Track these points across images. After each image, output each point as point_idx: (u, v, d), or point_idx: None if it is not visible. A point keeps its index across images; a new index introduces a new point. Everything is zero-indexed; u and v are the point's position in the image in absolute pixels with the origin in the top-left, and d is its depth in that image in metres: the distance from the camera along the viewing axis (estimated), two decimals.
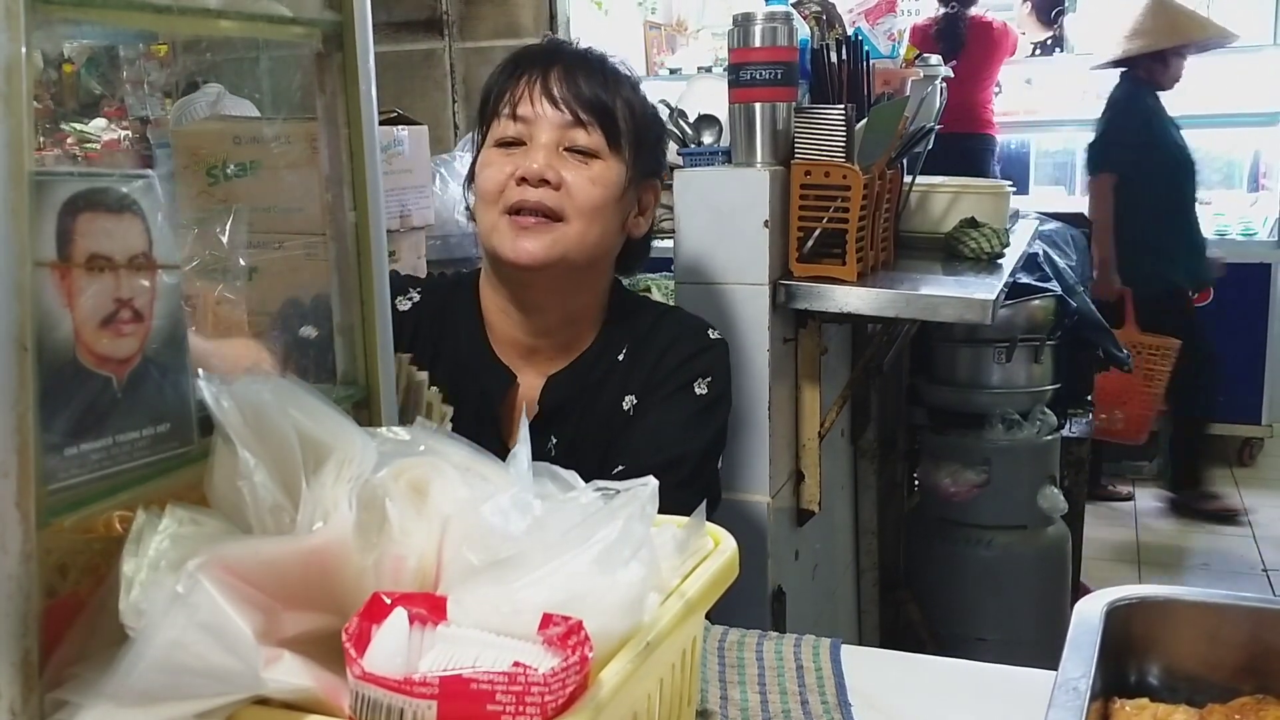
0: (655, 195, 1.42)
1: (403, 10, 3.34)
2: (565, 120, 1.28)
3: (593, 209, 1.29)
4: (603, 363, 1.37)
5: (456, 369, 1.36)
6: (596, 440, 1.35)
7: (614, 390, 1.36)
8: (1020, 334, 2.65)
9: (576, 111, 1.28)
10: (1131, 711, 0.84)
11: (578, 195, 1.28)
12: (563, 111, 1.28)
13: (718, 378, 1.38)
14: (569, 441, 1.35)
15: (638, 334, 1.39)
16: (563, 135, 1.29)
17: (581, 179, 1.28)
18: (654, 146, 1.39)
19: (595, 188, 1.29)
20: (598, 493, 0.70)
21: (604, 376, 1.37)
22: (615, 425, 1.35)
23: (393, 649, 0.56)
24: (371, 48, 0.82)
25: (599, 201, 1.29)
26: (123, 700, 0.55)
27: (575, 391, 1.36)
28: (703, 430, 1.35)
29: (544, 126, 1.29)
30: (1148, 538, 4.04)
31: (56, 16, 0.62)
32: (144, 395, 0.64)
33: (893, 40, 2.59)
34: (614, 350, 1.38)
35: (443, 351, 1.39)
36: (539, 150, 1.28)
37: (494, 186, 1.30)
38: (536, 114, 1.29)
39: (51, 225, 0.59)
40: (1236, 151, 5.40)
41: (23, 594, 0.57)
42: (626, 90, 1.33)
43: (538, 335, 1.38)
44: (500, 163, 1.30)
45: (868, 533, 2.64)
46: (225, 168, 1.64)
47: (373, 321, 0.85)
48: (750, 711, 0.97)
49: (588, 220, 1.29)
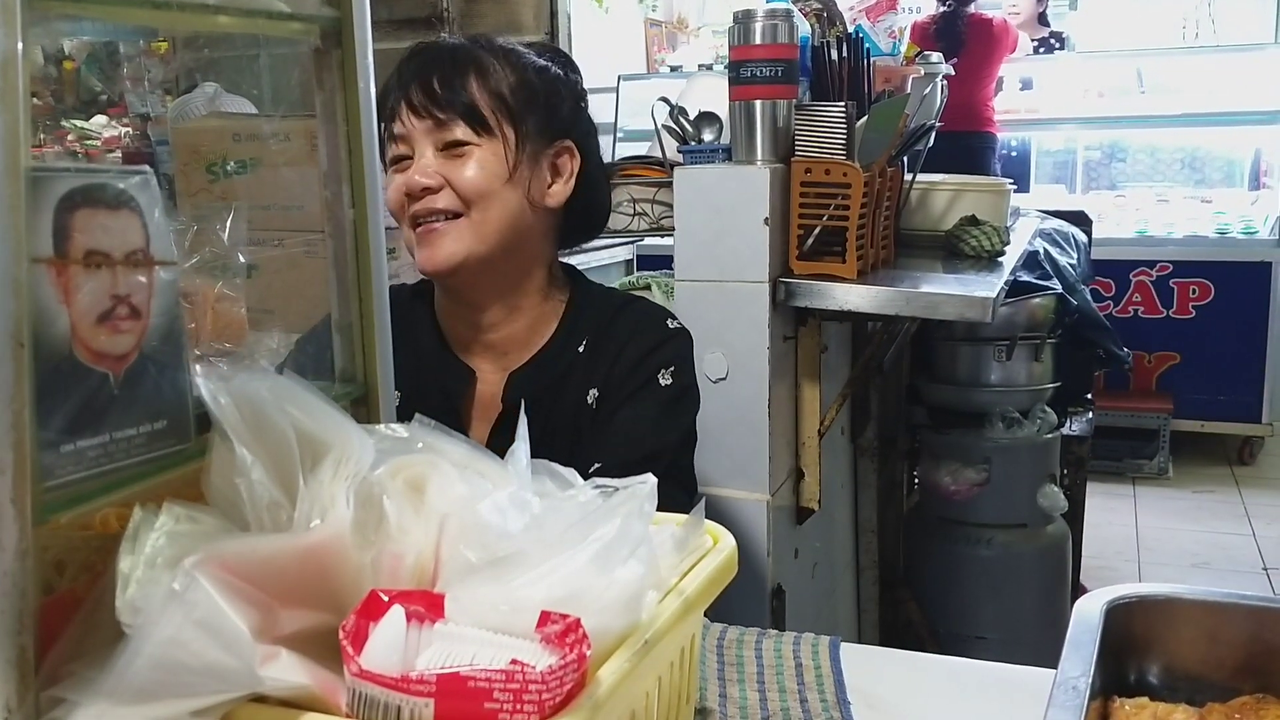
0: (571, 154, 1.39)
1: (403, 8, 3.34)
2: (429, 125, 1.30)
3: (478, 195, 1.30)
4: (565, 357, 1.38)
5: (416, 372, 1.37)
6: (563, 435, 1.35)
7: (577, 384, 1.37)
8: (1020, 332, 2.64)
9: (434, 113, 1.30)
10: (1131, 710, 0.84)
11: (461, 187, 1.30)
12: (425, 118, 1.30)
13: (680, 368, 1.38)
14: (535, 437, 1.34)
15: (598, 325, 1.39)
16: (436, 138, 1.31)
17: (459, 172, 1.30)
18: (548, 110, 1.36)
19: (476, 174, 1.30)
20: (596, 491, 0.70)
21: (566, 370, 1.37)
22: (581, 419, 1.36)
23: (390, 647, 0.56)
24: (370, 44, 0.82)
25: (482, 186, 1.30)
26: (119, 698, 0.54)
27: (538, 387, 1.36)
28: (675, 423, 1.37)
29: (417, 137, 1.31)
30: (1147, 536, 4.04)
31: (54, 12, 0.62)
32: (141, 392, 0.64)
33: (893, 38, 2.59)
34: (575, 342, 1.38)
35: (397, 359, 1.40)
36: (419, 161, 1.31)
37: (395, 207, 1.33)
38: (408, 128, 1.32)
39: (48, 221, 0.59)
40: (1237, 150, 5.40)
41: (19, 591, 0.57)
42: (494, 72, 1.32)
43: (488, 330, 1.39)
44: (393, 180, 1.33)
45: (867, 531, 2.64)
46: (225, 165, 1.63)
47: (371, 318, 0.85)
48: (749, 710, 0.97)
49: (481, 208, 1.31)
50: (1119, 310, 4.76)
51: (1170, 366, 4.79)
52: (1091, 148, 5.63)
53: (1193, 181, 5.44)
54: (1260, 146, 5.23)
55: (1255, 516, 4.16)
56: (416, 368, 1.38)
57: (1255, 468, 4.74)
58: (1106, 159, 5.65)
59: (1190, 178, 5.47)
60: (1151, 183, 5.44)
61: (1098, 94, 5.39)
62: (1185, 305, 4.73)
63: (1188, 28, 5.18)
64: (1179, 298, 4.73)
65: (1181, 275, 4.72)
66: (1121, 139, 5.57)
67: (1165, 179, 5.47)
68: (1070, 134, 5.57)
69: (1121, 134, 5.53)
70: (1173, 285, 4.74)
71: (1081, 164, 5.61)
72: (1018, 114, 5.31)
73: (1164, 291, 4.75)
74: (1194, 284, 4.71)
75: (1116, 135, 5.55)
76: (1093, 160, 5.64)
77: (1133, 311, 4.77)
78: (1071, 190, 5.51)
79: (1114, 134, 5.54)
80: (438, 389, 1.38)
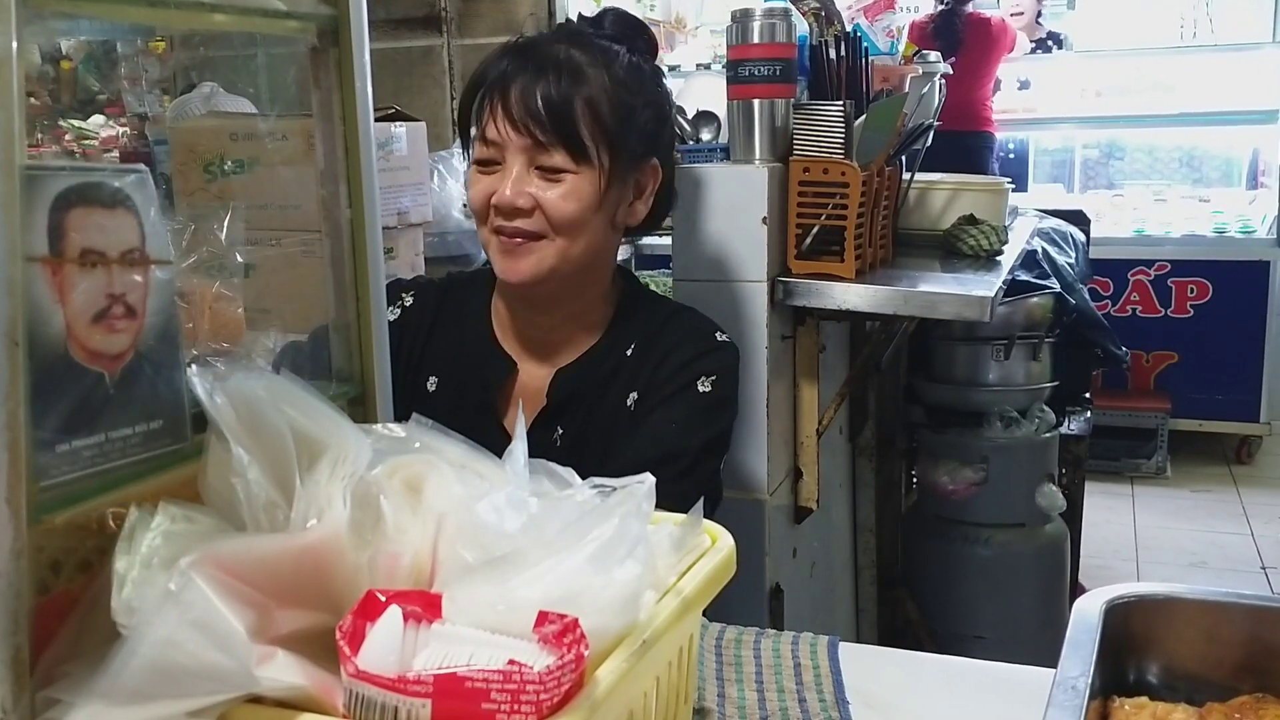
0: (655, 173, 1.39)
1: (401, 7, 3.33)
2: (527, 143, 1.27)
3: (569, 224, 1.29)
4: (611, 358, 1.38)
5: (457, 359, 1.39)
6: (600, 435, 1.35)
7: (620, 386, 1.37)
8: (1019, 331, 2.64)
9: (536, 134, 1.27)
10: (1130, 710, 0.84)
11: (553, 214, 1.28)
12: (524, 136, 1.27)
13: (722, 379, 1.37)
14: (574, 435, 1.36)
15: (647, 332, 1.39)
16: (530, 157, 1.28)
17: (554, 198, 1.28)
18: (641, 131, 1.34)
19: (568, 204, 1.28)
20: (594, 490, 0.70)
21: (612, 372, 1.37)
22: (619, 421, 1.36)
23: (387, 647, 0.56)
24: (367, 42, 0.82)
25: (574, 217, 1.29)
26: (115, 698, 0.54)
27: (583, 386, 1.36)
28: (704, 428, 1.35)
29: (511, 150, 1.28)
30: (1146, 536, 4.04)
31: (50, 9, 0.62)
32: (137, 391, 0.64)
33: (891, 37, 2.59)
34: (623, 346, 1.38)
35: (435, 349, 1.41)
36: (509, 176, 1.28)
37: (479, 209, 1.32)
38: (502, 138, 1.28)
39: (43, 220, 0.59)
40: (1235, 149, 5.41)
41: (14, 591, 0.57)
42: (594, 86, 1.29)
43: (544, 331, 1.39)
44: (480, 182, 1.32)
45: (866, 530, 2.64)
46: (222, 164, 1.63)
47: (368, 318, 0.85)
48: (748, 709, 0.97)
49: (569, 236, 1.29)
50: (1117, 309, 4.76)
51: (1168, 366, 4.79)
52: (1089, 147, 5.63)
53: (1190, 181, 5.45)
54: (1258, 146, 5.23)
55: (1253, 516, 4.16)
56: (459, 354, 1.39)
57: (1253, 467, 4.74)
58: (1104, 158, 5.66)
59: (1188, 177, 5.48)
60: (1149, 182, 5.44)
61: (1096, 93, 5.40)
62: (1183, 304, 4.73)
63: (1185, 27, 5.17)
64: (1177, 297, 4.74)
65: (1179, 274, 4.72)
66: (1119, 138, 5.58)
67: (1163, 178, 5.48)
68: (1068, 133, 5.58)
69: (1119, 133, 5.54)
70: (1171, 284, 4.74)
71: (1079, 163, 5.62)
72: (1016, 113, 5.31)
73: (1162, 291, 4.75)
74: (1192, 283, 4.71)
75: (1114, 134, 5.56)
76: (1091, 159, 5.65)
77: (1131, 311, 4.78)
78: (1069, 189, 5.51)
79: (1112, 133, 5.55)
80: (478, 378, 1.39)
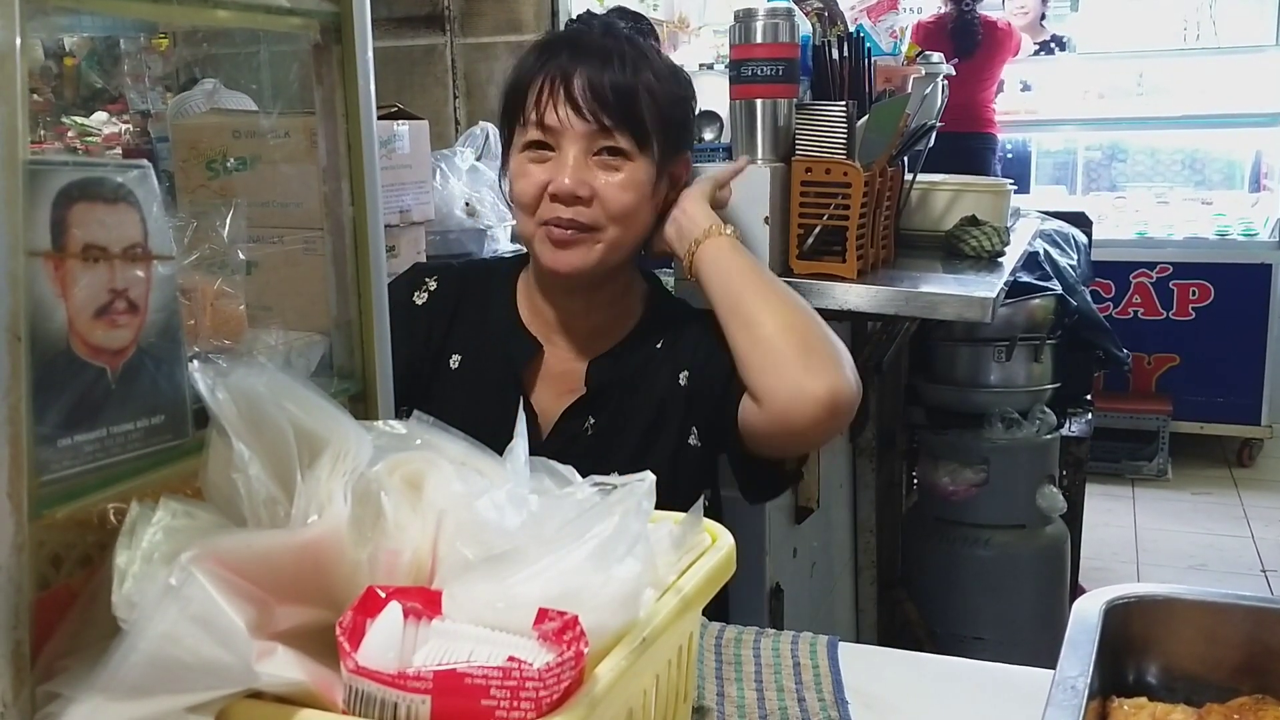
0: (687, 165, 1.41)
1: (404, 6, 3.33)
2: (591, 128, 1.27)
3: (626, 215, 1.30)
4: (643, 350, 1.39)
5: (480, 339, 1.40)
6: (640, 419, 1.36)
7: (664, 373, 1.37)
8: (1020, 333, 2.64)
9: (603, 120, 1.26)
10: (1130, 710, 0.84)
11: (611, 205, 1.28)
12: (589, 121, 1.27)
13: None
14: (605, 425, 1.37)
15: (676, 329, 1.40)
16: (591, 142, 1.28)
17: (613, 187, 1.28)
18: (682, 122, 1.37)
19: (627, 194, 1.29)
20: (594, 488, 0.70)
21: (644, 363, 1.38)
22: (671, 401, 1.36)
23: (387, 643, 0.56)
24: (370, 39, 0.82)
25: (631, 207, 1.30)
26: (114, 693, 0.54)
27: (619, 375, 1.38)
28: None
29: (571, 137, 1.27)
30: (1146, 538, 4.04)
31: (53, 5, 0.62)
32: (138, 387, 0.64)
33: (894, 38, 2.59)
34: (654, 339, 1.40)
35: (459, 331, 1.42)
36: (567, 162, 1.27)
37: (529, 200, 1.30)
38: (563, 124, 1.27)
39: (46, 215, 0.59)
40: (1237, 152, 5.40)
41: (14, 585, 0.57)
42: (649, 74, 1.30)
43: (577, 317, 1.40)
44: (532, 173, 1.30)
45: (866, 531, 2.64)
46: (224, 161, 1.63)
47: (370, 316, 0.85)
48: (747, 709, 0.97)
49: (623, 226, 1.30)
50: (1118, 311, 4.76)
51: (1169, 368, 4.79)
52: (1092, 149, 5.63)
53: (1193, 183, 5.45)
54: (1260, 148, 5.23)
55: (1254, 519, 4.16)
56: (483, 335, 1.40)
57: (1254, 470, 4.74)
58: (1107, 160, 5.66)
59: (1190, 179, 5.48)
60: (1151, 184, 5.44)
61: (1098, 95, 5.40)
62: (1185, 307, 4.73)
63: (1188, 29, 5.17)
64: (1179, 299, 4.73)
65: (1181, 277, 4.72)
66: (1122, 140, 5.58)
67: (1165, 180, 5.47)
68: (1070, 135, 5.58)
69: (1122, 135, 5.53)
70: (1172, 287, 4.74)
71: (1082, 165, 5.62)
72: (1018, 115, 5.31)
73: (1164, 293, 4.75)
74: (1194, 285, 4.71)
75: (1117, 136, 5.56)
76: (1093, 161, 5.65)
77: (1132, 313, 4.77)
78: (1071, 191, 5.51)
79: (1114, 135, 5.55)
80: (501, 356, 1.39)
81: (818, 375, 1.24)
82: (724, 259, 1.34)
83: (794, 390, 1.23)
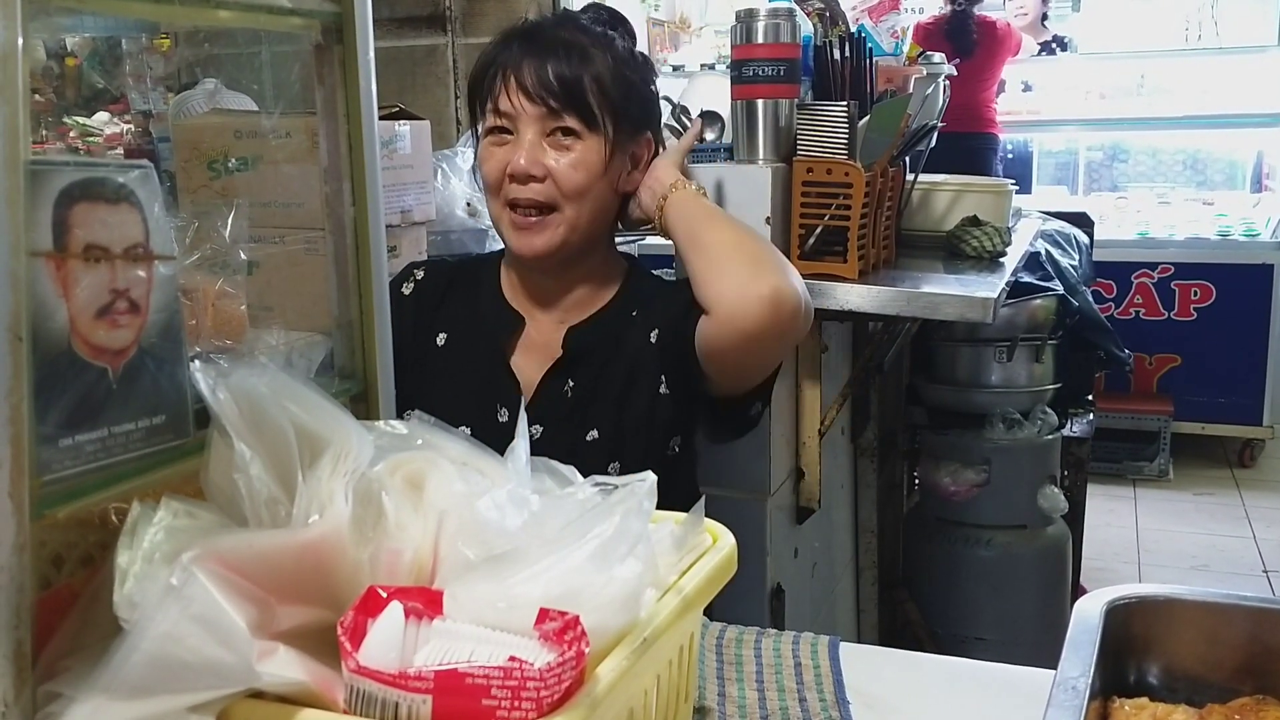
0: (649, 145, 1.49)
1: (405, 6, 3.33)
2: (541, 111, 1.37)
3: (579, 192, 1.38)
4: (619, 319, 1.46)
5: (469, 320, 1.49)
6: (617, 379, 1.43)
7: (640, 333, 1.44)
8: (1021, 333, 2.64)
9: (549, 102, 1.36)
10: (1131, 711, 0.84)
11: (564, 183, 1.37)
12: (538, 104, 1.36)
13: None
14: (585, 387, 1.44)
15: (651, 298, 1.48)
16: (543, 124, 1.37)
17: (564, 166, 1.37)
18: (639, 104, 1.44)
19: (578, 172, 1.37)
20: (595, 488, 0.70)
21: (620, 329, 1.46)
22: (644, 356, 1.43)
23: (388, 643, 0.56)
24: (371, 40, 0.82)
25: (584, 184, 1.38)
26: (116, 693, 0.54)
27: (595, 341, 1.45)
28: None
29: (524, 120, 1.38)
30: (1147, 538, 4.04)
31: (54, 5, 0.62)
32: (139, 387, 0.64)
33: (896, 38, 2.58)
34: (629, 309, 1.47)
35: (447, 311, 1.50)
36: (523, 144, 1.37)
37: (494, 181, 1.41)
38: (515, 109, 1.38)
39: (47, 215, 0.59)
40: (1239, 152, 5.40)
41: (16, 585, 0.57)
42: (599, 62, 1.39)
43: (554, 293, 1.48)
44: (494, 154, 1.40)
45: (867, 531, 2.64)
46: (226, 161, 1.63)
47: (371, 316, 0.85)
48: (748, 709, 0.97)
49: (578, 204, 1.39)
50: (1120, 312, 4.75)
51: (1171, 368, 4.79)
52: (1093, 149, 5.63)
53: (1194, 183, 5.44)
54: (1262, 149, 5.23)
55: (1255, 519, 4.15)
56: (469, 314, 1.49)
57: (1256, 470, 4.73)
58: (1108, 160, 5.65)
59: (1192, 179, 5.47)
60: (1153, 184, 5.44)
61: (1099, 95, 5.39)
62: (1186, 307, 4.72)
63: (1190, 30, 5.16)
64: (1180, 300, 4.73)
65: (1183, 277, 4.71)
66: (1123, 141, 5.57)
67: (1167, 181, 5.47)
68: (1072, 135, 5.57)
69: (1123, 136, 5.53)
70: (1174, 287, 4.73)
71: (1083, 165, 5.61)
72: (1019, 115, 5.31)
73: (1165, 293, 4.74)
74: (1195, 286, 4.70)
75: (1118, 137, 5.55)
76: (1094, 162, 5.64)
77: (1134, 313, 4.77)
78: (1073, 192, 5.51)
79: (1116, 136, 5.55)
80: (486, 330, 1.47)
81: (762, 278, 1.33)
82: (689, 205, 1.44)
83: (739, 291, 1.32)
